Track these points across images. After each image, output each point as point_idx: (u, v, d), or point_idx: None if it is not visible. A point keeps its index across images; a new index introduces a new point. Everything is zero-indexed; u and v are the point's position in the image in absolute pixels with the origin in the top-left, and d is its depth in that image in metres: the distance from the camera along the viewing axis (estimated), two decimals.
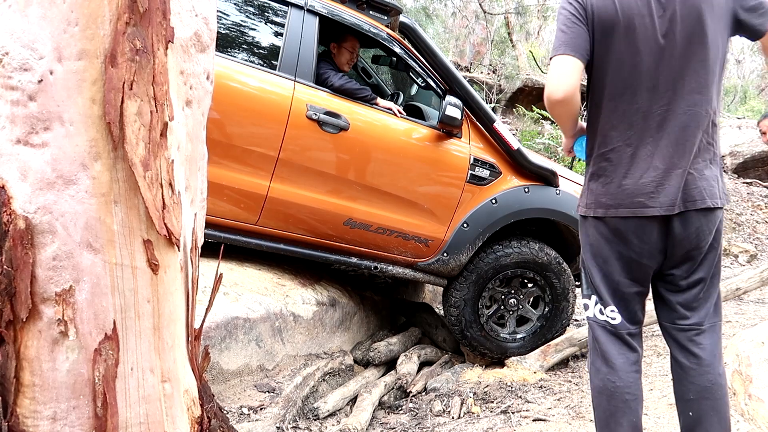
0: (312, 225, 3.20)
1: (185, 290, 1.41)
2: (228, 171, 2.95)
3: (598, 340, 1.78)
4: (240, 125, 2.93)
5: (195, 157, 1.45)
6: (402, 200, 3.30)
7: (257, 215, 3.08)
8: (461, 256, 3.47)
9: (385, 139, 3.25)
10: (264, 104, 2.97)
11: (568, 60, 1.64)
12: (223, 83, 2.85)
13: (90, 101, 1.20)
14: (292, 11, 3.10)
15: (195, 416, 1.43)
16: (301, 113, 3.01)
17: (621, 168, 1.69)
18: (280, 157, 3.01)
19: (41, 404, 1.19)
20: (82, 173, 1.19)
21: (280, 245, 3.18)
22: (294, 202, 3.10)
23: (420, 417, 2.94)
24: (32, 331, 1.19)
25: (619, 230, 1.70)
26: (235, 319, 2.78)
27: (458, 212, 3.41)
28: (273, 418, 2.51)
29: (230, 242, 3.08)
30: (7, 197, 1.16)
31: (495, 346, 3.65)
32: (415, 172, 3.31)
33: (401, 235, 3.36)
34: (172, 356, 1.36)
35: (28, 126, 1.16)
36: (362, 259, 3.38)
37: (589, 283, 1.81)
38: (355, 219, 3.23)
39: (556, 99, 1.65)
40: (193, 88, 1.42)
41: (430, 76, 3.41)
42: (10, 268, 1.15)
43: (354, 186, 3.20)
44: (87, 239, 1.20)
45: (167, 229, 1.28)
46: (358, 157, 3.18)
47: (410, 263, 3.48)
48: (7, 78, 1.16)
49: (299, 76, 3.06)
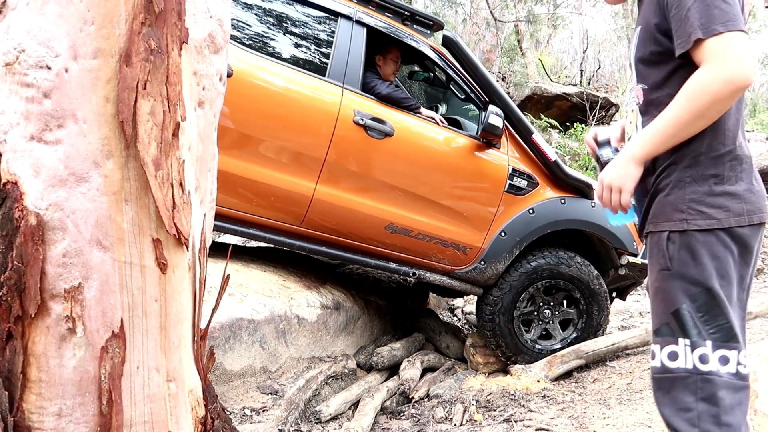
0: (354, 228, 3.26)
1: (192, 290, 1.42)
2: (276, 172, 3.03)
3: (723, 407, 1.27)
4: (290, 127, 3.02)
5: (206, 157, 1.46)
6: (442, 207, 3.37)
7: (302, 217, 3.14)
8: (498, 265, 3.52)
9: (428, 146, 3.35)
10: (313, 108, 3.07)
11: (746, 40, 1.29)
12: (275, 86, 2.99)
13: (104, 100, 1.20)
14: (341, 21, 3.23)
15: (199, 416, 1.43)
16: (349, 118, 3.12)
17: (751, 168, 1.39)
18: (327, 160, 3.09)
19: (47, 400, 1.20)
20: (94, 171, 1.20)
21: (322, 248, 3.25)
22: (338, 205, 3.16)
23: (422, 423, 2.93)
24: (40, 327, 1.19)
25: (746, 242, 1.34)
26: (240, 320, 2.78)
27: (496, 221, 3.48)
28: (275, 420, 2.51)
29: (273, 243, 3.16)
30: (19, 193, 1.16)
31: (531, 356, 3.65)
32: (455, 179, 3.39)
33: (440, 242, 3.41)
34: (178, 356, 1.36)
35: (42, 123, 1.17)
36: (401, 265, 3.43)
37: (704, 321, 1.31)
38: (397, 224, 3.30)
39: (747, 83, 1.27)
40: (206, 89, 1.42)
41: (470, 88, 3.51)
42: (20, 264, 1.16)
43: (396, 191, 3.27)
44: (97, 237, 1.20)
45: (177, 229, 1.29)
46: (401, 163, 3.27)
47: (447, 271, 3.52)
48: (23, 75, 1.17)
49: (347, 83, 3.18)
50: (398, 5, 3.43)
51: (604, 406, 2.90)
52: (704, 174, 1.36)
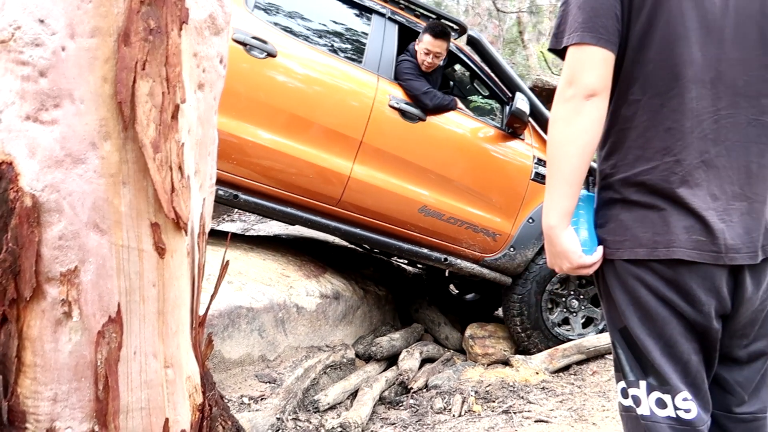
0: (388, 210, 3.35)
1: (191, 276, 1.40)
2: (316, 150, 3.14)
3: None
4: (329, 108, 3.18)
5: (205, 141, 1.43)
6: (472, 192, 3.49)
7: (339, 196, 3.23)
8: (527, 252, 3.60)
9: (459, 133, 3.51)
10: (352, 89, 3.25)
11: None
12: (316, 69, 3.19)
13: (101, 80, 1.18)
14: (375, 17, 3.47)
15: (197, 403, 1.41)
16: (384, 102, 3.28)
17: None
18: (363, 141, 3.22)
19: (42, 385, 1.18)
20: (91, 152, 1.17)
21: (356, 230, 3.33)
22: (373, 185, 3.28)
23: (420, 413, 2.92)
24: (36, 310, 1.17)
25: (677, 282, 1.17)
26: (239, 308, 2.77)
27: (524, 208, 3.57)
28: (273, 408, 2.49)
29: (309, 224, 3.25)
30: (14, 174, 1.14)
31: (544, 337, 3.70)
32: (483, 166, 3.53)
33: (471, 227, 3.50)
34: (176, 342, 1.34)
35: (38, 102, 1.14)
36: (432, 251, 3.52)
37: (635, 362, 1.21)
38: (429, 207, 3.40)
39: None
40: (206, 72, 1.39)
41: (494, 85, 3.69)
42: (15, 246, 1.14)
43: (429, 174, 3.38)
44: (94, 220, 1.18)
45: (175, 213, 1.26)
46: (434, 147, 3.41)
47: (478, 258, 3.61)
48: (18, 53, 1.14)
49: (381, 72, 3.37)
50: (427, 8, 3.66)
51: (604, 398, 2.90)
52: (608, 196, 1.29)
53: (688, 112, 1.16)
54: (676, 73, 1.16)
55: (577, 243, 1.22)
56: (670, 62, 1.16)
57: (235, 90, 2.94)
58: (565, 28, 1.20)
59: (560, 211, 1.21)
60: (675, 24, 1.15)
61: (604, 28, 1.15)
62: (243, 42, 2.99)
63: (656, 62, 1.17)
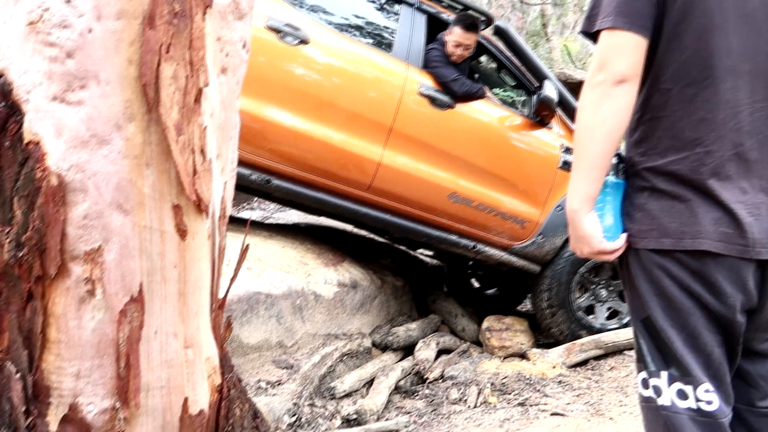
0: (418, 196, 3.37)
1: (211, 258, 1.41)
2: (348, 135, 3.17)
3: None
4: (359, 94, 3.22)
5: (227, 125, 1.44)
6: (501, 180, 3.50)
7: (369, 182, 3.25)
8: (556, 239, 3.61)
9: (487, 120, 3.53)
10: (382, 77, 3.29)
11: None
12: (347, 57, 3.24)
13: (127, 62, 1.19)
14: (404, 7, 3.50)
15: (215, 384, 1.43)
16: (414, 90, 3.31)
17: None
18: (394, 127, 3.25)
19: (66, 361, 1.21)
20: (115, 134, 1.19)
21: (386, 216, 3.36)
22: (403, 171, 3.30)
23: (436, 404, 2.92)
24: (60, 288, 1.19)
25: (703, 273, 1.16)
26: (257, 294, 2.79)
27: (552, 195, 3.58)
28: (290, 394, 2.52)
29: (339, 210, 3.28)
30: (41, 153, 1.16)
31: (568, 321, 3.69)
32: (512, 153, 3.55)
33: (500, 214, 3.52)
34: (196, 323, 1.36)
35: (64, 83, 1.16)
36: (461, 238, 3.54)
37: (657, 352, 1.20)
38: (459, 193, 3.42)
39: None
40: (229, 56, 1.40)
41: (522, 75, 3.71)
42: (41, 225, 1.16)
43: (458, 161, 3.41)
44: (118, 200, 1.20)
45: (197, 195, 1.28)
46: (463, 133, 3.43)
47: (506, 246, 3.61)
48: (47, 34, 1.15)
49: (410, 60, 3.39)
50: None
51: (621, 393, 2.87)
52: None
53: (722, 103, 1.14)
54: (711, 63, 1.14)
55: (598, 228, 1.22)
56: (706, 51, 1.14)
57: (269, 75, 2.99)
58: (598, 11, 1.18)
59: (583, 195, 1.20)
60: (712, 13, 1.13)
61: (638, 12, 1.13)
62: (276, 29, 3.02)
63: (691, 51, 1.15)
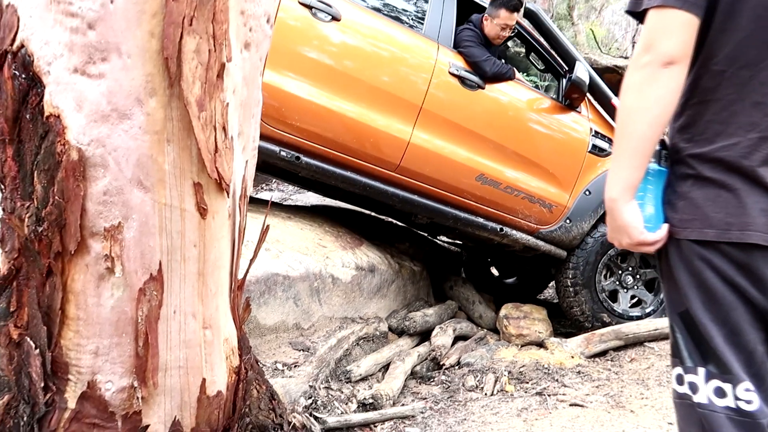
0: (446, 177, 3.33)
1: (231, 238, 1.39)
2: (378, 114, 3.15)
3: None
4: (390, 73, 3.19)
5: (250, 103, 1.41)
6: (529, 162, 3.46)
7: (398, 161, 3.23)
8: (583, 224, 3.58)
9: (517, 102, 3.48)
10: (412, 56, 3.24)
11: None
12: (378, 35, 3.20)
13: (149, 34, 1.16)
14: None
15: (233, 365, 1.42)
16: (444, 70, 3.27)
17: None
18: (423, 107, 3.21)
19: (84, 338, 1.19)
20: (136, 108, 1.16)
21: (414, 197, 3.33)
22: (432, 152, 3.26)
23: (452, 390, 2.90)
24: (80, 264, 1.18)
25: (750, 267, 1.09)
26: (275, 276, 2.78)
27: (581, 179, 3.55)
28: (306, 376, 2.51)
29: (367, 190, 3.24)
30: (61, 127, 1.14)
31: (592, 303, 3.68)
32: (541, 136, 3.50)
33: (527, 197, 3.48)
34: (215, 303, 1.34)
35: (86, 55, 1.13)
36: (488, 220, 3.50)
37: (695, 347, 1.14)
38: (487, 175, 3.38)
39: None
40: (253, 31, 1.36)
41: (551, 58, 3.66)
42: (61, 200, 1.14)
43: (487, 143, 3.37)
44: (138, 176, 1.17)
45: (218, 173, 1.25)
46: (492, 115, 3.39)
47: (533, 230, 3.58)
48: (68, 4, 1.12)
49: (441, 40, 3.35)
50: None
51: (642, 386, 2.82)
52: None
53: None
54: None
55: (639, 218, 1.15)
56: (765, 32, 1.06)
57: (300, 52, 2.98)
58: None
59: (624, 183, 1.13)
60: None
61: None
62: (309, 5, 2.99)
63: (748, 31, 1.07)
